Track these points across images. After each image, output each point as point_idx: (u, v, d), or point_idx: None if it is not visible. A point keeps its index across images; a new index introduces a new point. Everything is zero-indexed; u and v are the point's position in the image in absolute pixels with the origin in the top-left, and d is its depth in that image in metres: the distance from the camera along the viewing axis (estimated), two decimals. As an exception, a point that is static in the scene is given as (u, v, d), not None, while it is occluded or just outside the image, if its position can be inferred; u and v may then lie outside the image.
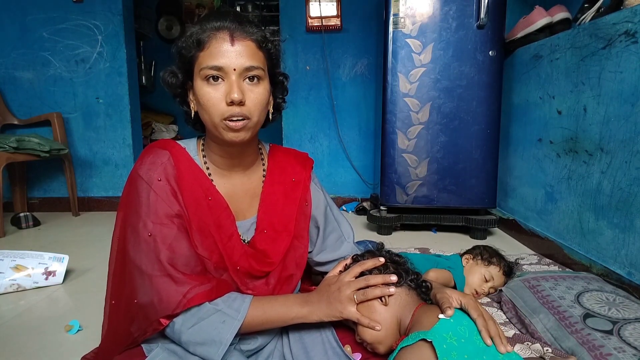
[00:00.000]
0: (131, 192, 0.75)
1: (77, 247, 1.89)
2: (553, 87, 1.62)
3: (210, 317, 0.70)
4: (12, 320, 1.19)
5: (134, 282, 0.72)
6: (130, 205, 0.74)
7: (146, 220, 0.72)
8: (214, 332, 0.69)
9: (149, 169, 0.74)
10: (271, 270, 0.83)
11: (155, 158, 0.76)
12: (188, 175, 0.77)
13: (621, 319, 0.93)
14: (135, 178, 0.75)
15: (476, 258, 1.30)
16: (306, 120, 2.75)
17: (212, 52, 0.69)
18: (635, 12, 1.17)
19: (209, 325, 0.69)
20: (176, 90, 0.78)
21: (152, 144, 0.80)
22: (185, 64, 0.74)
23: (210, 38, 0.69)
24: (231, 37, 0.70)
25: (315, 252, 0.95)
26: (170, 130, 3.77)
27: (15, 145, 2.10)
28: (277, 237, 0.84)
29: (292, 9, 2.64)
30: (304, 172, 0.91)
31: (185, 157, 0.78)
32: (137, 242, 0.72)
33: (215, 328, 0.69)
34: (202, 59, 0.70)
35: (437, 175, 1.97)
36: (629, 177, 1.19)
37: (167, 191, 0.74)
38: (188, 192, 0.75)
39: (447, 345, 0.64)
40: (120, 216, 0.76)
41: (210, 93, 0.70)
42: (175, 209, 0.73)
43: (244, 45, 0.70)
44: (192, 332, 0.69)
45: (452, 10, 1.87)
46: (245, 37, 0.71)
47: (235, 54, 0.69)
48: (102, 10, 2.54)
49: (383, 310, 0.78)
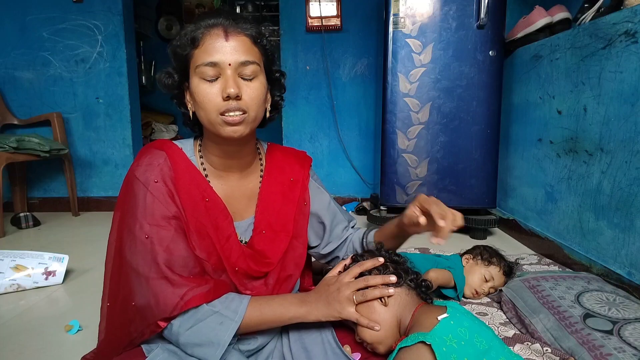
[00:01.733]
0: (128, 194, 0.75)
1: (77, 247, 1.89)
2: (553, 87, 1.62)
3: (208, 318, 0.69)
4: (12, 320, 1.19)
5: (130, 284, 0.72)
6: (127, 206, 0.74)
7: (143, 222, 0.72)
8: (212, 334, 0.68)
9: (146, 170, 0.74)
10: (269, 270, 0.83)
11: (152, 159, 0.75)
12: (185, 177, 0.76)
13: (621, 319, 0.93)
14: (132, 179, 0.75)
15: (476, 258, 1.30)
16: (306, 120, 2.75)
17: (207, 49, 0.69)
18: (635, 12, 1.17)
19: (206, 327, 0.69)
20: (173, 92, 0.78)
21: (149, 145, 0.79)
22: (180, 62, 0.74)
23: (204, 35, 0.70)
24: (225, 32, 0.70)
25: (322, 245, 0.97)
26: (170, 130, 3.77)
27: (15, 145, 2.10)
28: (275, 237, 0.84)
29: (292, 9, 2.64)
30: (303, 171, 0.91)
31: (182, 158, 0.78)
32: (134, 244, 0.71)
33: (213, 329, 0.69)
34: (197, 56, 0.70)
35: (437, 175, 1.97)
36: (629, 177, 1.19)
37: (163, 192, 0.73)
38: (185, 194, 0.75)
39: (446, 348, 0.64)
40: (117, 217, 0.76)
41: (206, 89, 0.70)
42: (172, 211, 0.73)
43: (238, 41, 0.70)
44: (189, 334, 0.69)
45: (452, 10, 1.87)
46: (239, 33, 0.71)
47: (230, 49, 0.69)
48: (102, 10, 2.54)
49: (383, 311, 0.78)
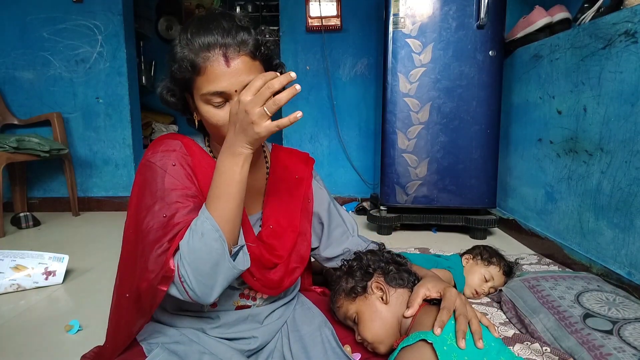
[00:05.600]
0: (145, 179, 0.73)
1: (77, 247, 1.89)
2: (553, 87, 1.62)
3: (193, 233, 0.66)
4: (12, 320, 1.19)
5: (147, 260, 0.69)
6: (144, 191, 0.72)
7: (162, 203, 0.70)
8: (204, 229, 0.66)
9: (163, 156, 0.74)
10: (280, 263, 0.83)
11: (168, 146, 0.76)
12: (202, 162, 0.77)
13: (621, 318, 0.93)
14: (149, 166, 0.74)
15: (476, 258, 1.30)
16: (306, 120, 2.75)
17: (210, 77, 0.68)
18: (635, 12, 1.17)
19: (202, 252, 0.65)
20: (177, 107, 0.78)
21: (162, 136, 0.79)
22: (181, 85, 0.74)
23: (204, 60, 0.67)
24: (225, 57, 0.68)
25: (322, 247, 0.97)
26: (170, 130, 3.77)
27: (15, 145, 2.10)
28: (283, 233, 0.85)
29: (292, 9, 2.64)
30: (307, 169, 0.93)
31: (197, 147, 0.79)
32: (153, 222, 0.69)
33: (203, 243, 0.65)
34: (200, 83, 0.69)
35: (437, 175, 1.97)
36: (629, 177, 1.19)
37: (182, 175, 0.73)
38: (203, 177, 0.75)
39: (447, 347, 0.64)
40: (133, 205, 0.74)
41: (217, 115, 0.70)
42: (192, 190, 0.73)
43: (239, 62, 0.68)
44: (189, 245, 0.66)
45: (452, 10, 1.87)
46: (238, 54, 0.68)
47: (233, 74, 0.68)
48: (102, 10, 2.54)
49: (384, 310, 0.78)
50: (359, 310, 0.81)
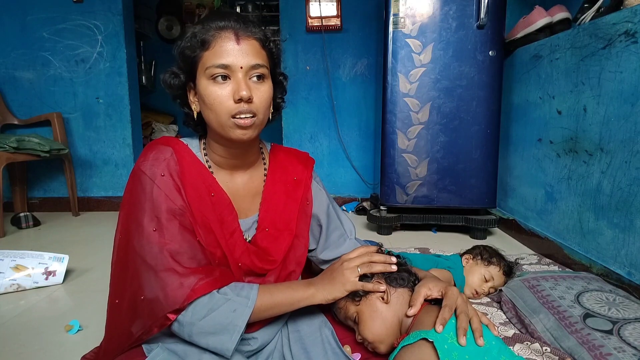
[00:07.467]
0: (135, 188, 0.75)
1: (77, 247, 1.89)
2: (553, 87, 1.62)
3: (221, 307, 0.70)
4: (12, 320, 1.19)
5: (140, 277, 0.71)
6: (134, 200, 0.74)
7: (151, 215, 0.72)
8: (226, 321, 0.69)
9: (152, 164, 0.75)
10: (273, 268, 0.83)
11: (158, 154, 0.76)
12: (191, 171, 0.77)
13: (621, 318, 0.93)
14: (139, 174, 0.75)
15: (476, 258, 1.30)
16: (306, 120, 2.76)
17: (218, 51, 0.69)
18: (635, 12, 1.17)
19: (220, 315, 0.69)
20: (177, 92, 0.78)
21: (155, 141, 0.80)
22: (188, 64, 0.74)
23: (215, 37, 0.70)
24: (236, 36, 0.70)
25: (319, 250, 0.96)
26: (170, 130, 3.77)
27: (15, 145, 2.10)
28: (278, 235, 0.85)
29: (292, 9, 2.64)
30: (306, 171, 0.91)
31: (189, 154, 0.79)
32: (142, 236, 0.71)
33: (227, 317, 0.69)
34: (207, 58, 0.70)
35: (437, 175, 1.97)
36: (629, 177, 1.19)
37: (170, 186, 0.74)
38: (191, 188, 0.75)
39: (448, 345, 0.64)
40: (124, 213, 0.76)
41: (217, 91, 0.70)
42: (178, 204, 0.74)
43: (249, 44, 0.71)
44: (203, 323, 0.69)
45: (452, 10, 1.87)
46: (249, 36, 0.71)
47: (241, 52, 0.70)
48: (102, 10, 2.54)
49: (385, 309, 0.78)
50: (360, 310, 0.81)
